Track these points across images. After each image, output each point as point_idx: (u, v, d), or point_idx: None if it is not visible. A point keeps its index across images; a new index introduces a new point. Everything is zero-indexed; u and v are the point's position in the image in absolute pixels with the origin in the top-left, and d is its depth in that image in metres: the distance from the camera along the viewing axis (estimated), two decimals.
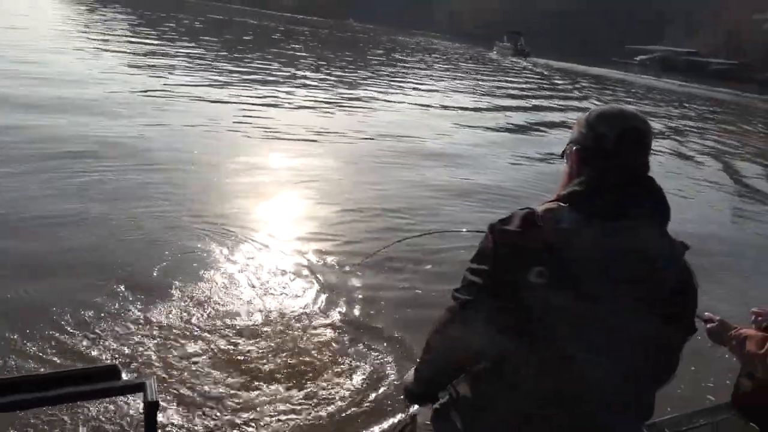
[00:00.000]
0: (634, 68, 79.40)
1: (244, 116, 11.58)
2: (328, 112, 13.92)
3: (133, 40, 24.35)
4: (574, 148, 1.42)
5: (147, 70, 16.05)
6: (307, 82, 18.87)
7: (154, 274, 4.63)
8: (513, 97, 24.17)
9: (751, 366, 1.91)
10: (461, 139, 12.86)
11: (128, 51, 19.96)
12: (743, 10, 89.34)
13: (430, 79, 27.37)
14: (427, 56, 45.63)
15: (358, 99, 16.75)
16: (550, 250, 1.24)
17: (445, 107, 17.73)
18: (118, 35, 25.04)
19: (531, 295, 1.25)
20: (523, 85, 30.53)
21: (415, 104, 17.30)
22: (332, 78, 21.42)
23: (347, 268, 5.18)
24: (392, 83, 22.65)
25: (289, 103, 14.18)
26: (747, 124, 27.13)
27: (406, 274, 5.23)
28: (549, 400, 1.31)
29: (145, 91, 12.67)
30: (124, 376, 1.31)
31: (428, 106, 17.47)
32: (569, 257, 1.24)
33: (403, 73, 28.59)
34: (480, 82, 29.28)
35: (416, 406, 1.76)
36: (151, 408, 1.28)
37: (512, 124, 16.45)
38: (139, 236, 5.29)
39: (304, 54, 30.14)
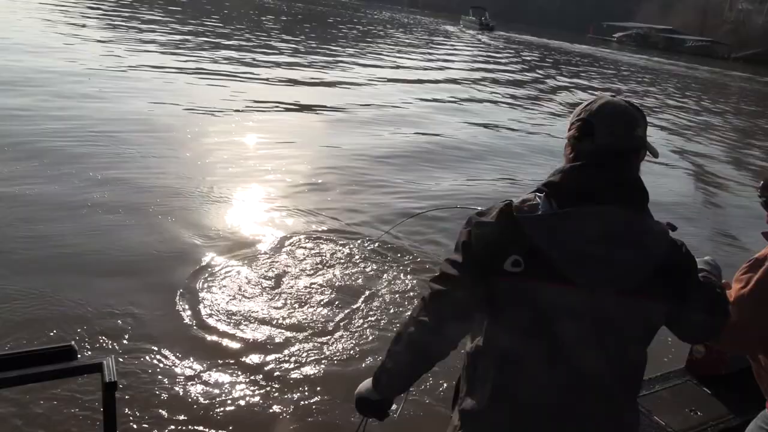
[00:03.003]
0: (612, 45, 79.02)
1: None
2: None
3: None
4: (566, 142, 1.41)
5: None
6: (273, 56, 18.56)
7: None
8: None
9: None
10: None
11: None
12: None
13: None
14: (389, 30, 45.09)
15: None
16: (524, 239, 1.23)
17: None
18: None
19: (507, 283, 1.25)
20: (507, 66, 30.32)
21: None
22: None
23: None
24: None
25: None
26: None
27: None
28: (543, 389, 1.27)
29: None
30: (81, 356, 1.24)
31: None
32: (544, 245, 1.23)
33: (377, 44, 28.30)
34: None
35: (369, 419, 1.60)
36: (110, 389, 1.22)
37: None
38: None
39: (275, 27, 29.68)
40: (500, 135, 11.51)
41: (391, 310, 4.16)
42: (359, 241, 5.16)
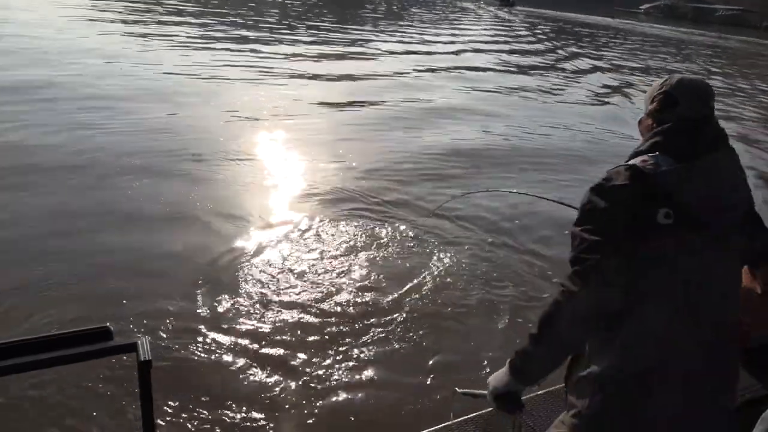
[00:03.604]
0: (640, 17, 76.53)
1: None
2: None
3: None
4: (645, 114, 1.50)
5: None
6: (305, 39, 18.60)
7: None
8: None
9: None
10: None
11: None
12: None
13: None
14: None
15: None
16: (666, 192, 1.27)
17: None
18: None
19: (661, 236, 1.26)
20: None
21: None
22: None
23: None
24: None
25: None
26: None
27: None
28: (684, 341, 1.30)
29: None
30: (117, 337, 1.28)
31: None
32: (684, 195, 1.28)
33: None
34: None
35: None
36: (145, 367, 1.26)
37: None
38: None
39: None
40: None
41: (442, 294, 4.15)
42: (404, 225, 5.20)
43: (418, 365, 3.39)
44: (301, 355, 3.37)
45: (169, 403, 2.91)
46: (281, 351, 3.39)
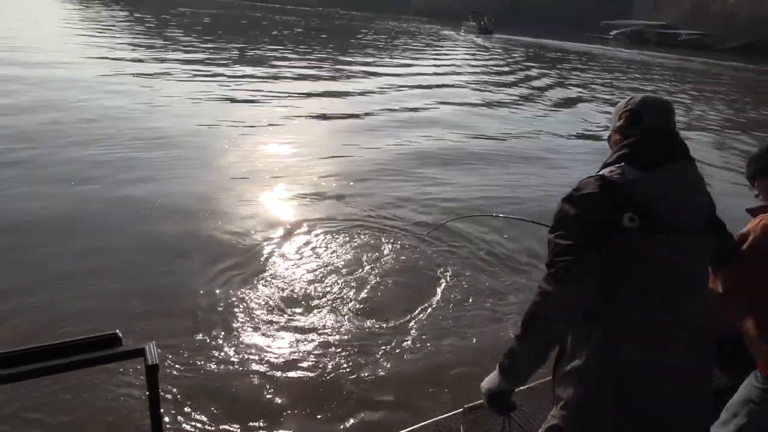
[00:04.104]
0: (609, 42, 78.93)
1: None
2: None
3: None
4: (613, 130, 1.62)
5: None
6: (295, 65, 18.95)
7: None
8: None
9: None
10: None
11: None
12: None
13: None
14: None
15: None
16: (630, 198, 1.37)
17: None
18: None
19: (628, 239, 1.36)
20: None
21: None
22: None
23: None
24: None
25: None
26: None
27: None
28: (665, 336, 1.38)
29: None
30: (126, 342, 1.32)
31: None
32: (648, 200, 1.38)
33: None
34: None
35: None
36: (152, 371, 1.30)
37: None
38: None
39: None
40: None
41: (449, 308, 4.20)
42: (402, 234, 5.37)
43: (429, 382, 3.37)
44: (309, 369, 3.37)
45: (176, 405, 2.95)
46: (287, 363, 3.41)
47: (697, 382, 1.41)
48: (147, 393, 1.34)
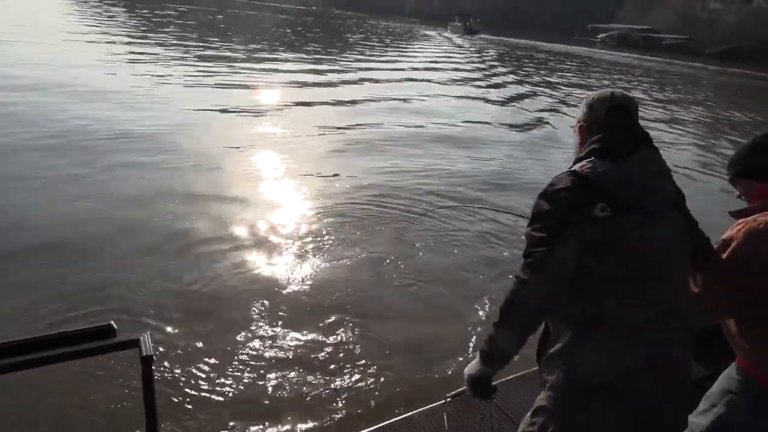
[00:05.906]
0: (597, 45, 79.39)
1: None
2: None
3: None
4: (579, 124, 1.65)
5: None
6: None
7: None
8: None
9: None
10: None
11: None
12: None
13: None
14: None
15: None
16: (601, 190, 1.42)
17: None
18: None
19: (600, 228, 1.39)
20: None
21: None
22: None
23: None
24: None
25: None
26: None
27: None
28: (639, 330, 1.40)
29: None
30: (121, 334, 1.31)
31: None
32: (618, 189, 1.42)
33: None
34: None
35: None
36: (146, 362, 1.29)
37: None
38: None
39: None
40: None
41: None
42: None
43: (418, 371, 3.38)
44: (304, 368, 3.35)
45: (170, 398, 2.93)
46: (283, 359, 3.40)
47: (674, 367, 1.43)
48: (141, 383, 1.33)
